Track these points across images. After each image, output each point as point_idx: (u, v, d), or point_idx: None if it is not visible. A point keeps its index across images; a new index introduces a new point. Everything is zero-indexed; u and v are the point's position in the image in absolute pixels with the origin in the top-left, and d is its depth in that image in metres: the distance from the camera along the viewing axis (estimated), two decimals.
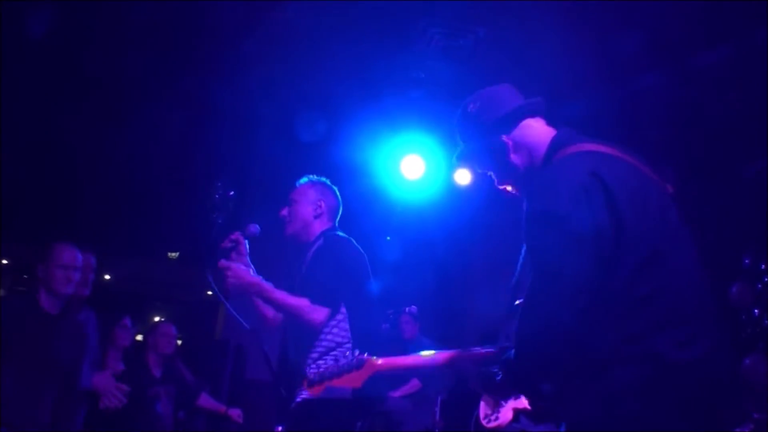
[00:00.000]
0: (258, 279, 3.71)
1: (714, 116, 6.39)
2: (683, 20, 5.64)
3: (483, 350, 2.57)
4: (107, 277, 13.31)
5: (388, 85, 7.14)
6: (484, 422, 5.10)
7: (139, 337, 7.40)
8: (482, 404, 5.23)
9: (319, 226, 3.98)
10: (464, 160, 2.62)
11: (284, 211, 4.02)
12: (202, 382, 6.61)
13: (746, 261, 6.58)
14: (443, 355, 2.66)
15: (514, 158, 2.41)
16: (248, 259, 3.92)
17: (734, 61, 5.96)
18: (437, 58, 6.67)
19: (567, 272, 2.03)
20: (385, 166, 8.06)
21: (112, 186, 9.14)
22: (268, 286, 3.71)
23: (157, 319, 13.87)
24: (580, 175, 2.09)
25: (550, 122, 2.48)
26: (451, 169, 7.12)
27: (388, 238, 8.95)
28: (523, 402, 4.96)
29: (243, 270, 3.69)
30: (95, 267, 4.87)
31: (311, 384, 2.71)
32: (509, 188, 2.56)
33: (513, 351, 2.19)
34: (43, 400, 4.27)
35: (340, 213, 4.11)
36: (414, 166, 8.06)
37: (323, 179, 4.13)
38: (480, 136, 2.48)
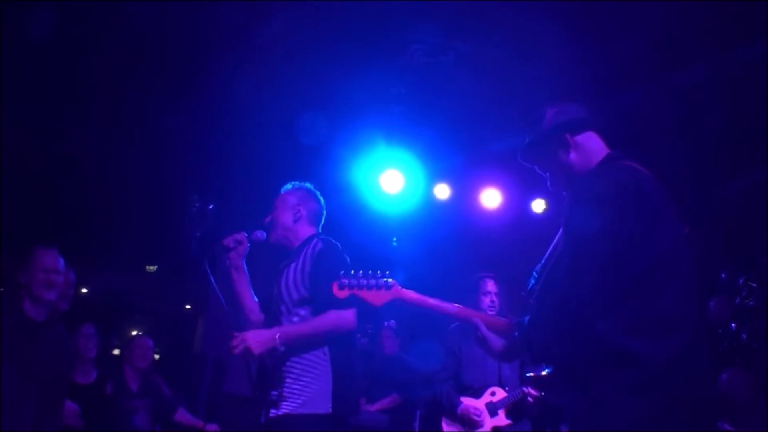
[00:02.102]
0: (276, 329, 3.65)
1: (694, 133, 6.45)
2: (660, 39, 5.71)
3: (502, 319, 2.82)
4: (84, 290, 13.20)
5: (368, 99, 7.16)
6: None
7: (116, 351, 7.36)
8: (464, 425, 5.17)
9: (302, 231, 3.99)
10: (528, 152, 2.88)
11: (268, 219, 4.06)
12: (180, 397, 6.57)
13: (723, 276, 6.65)
14: (465, 311, 2.91)
15: (573, 157, 2.73)
16: (244, 261, 3.99)
17: (715, 79, 6.03)
18: (419, 74, 6.70)
19: (592, 257, 2.34)
20: (365, 180, 8.08)
21: (90, 197, 9.08)
22: (291, 328, 3.68)
23: (134, 332, 13.78)
24: (624, 182, 2.43)
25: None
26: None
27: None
28: (502, 418, 4.96)
29: (259, 335, 3.62)
30: (74, 282, 4.82)
31: (341, 287, 2.87)
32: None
33: (528, 317, 2.51)
34: (26, 409, 4.20)
35: (323, 218, 4.13)
36: (393, 181, 8.07)
37: (305, 185, 4.16)
38: (549, 132, 2.77)
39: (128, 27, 6.06)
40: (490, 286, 5.12)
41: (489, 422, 4.99)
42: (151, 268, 14.18)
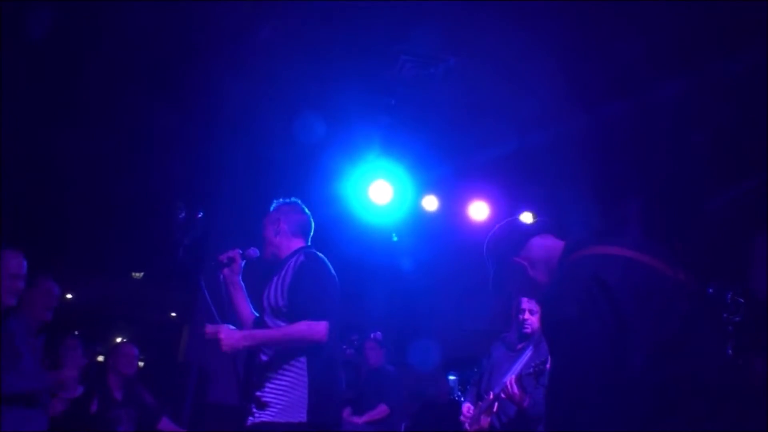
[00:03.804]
0: (246, 332, 3.77)
1: (680, 146, 6.49)
2: (649, 50, 5.74)
3: None
4: (69, 296, 13.13)
5: (358, 110, 7.17)
6: None
7: (101, 358, 7.31)
8: None
9: (285, 244, 4.05)
10: (495, 288, 2.81)
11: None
12: (163, 406, 6.53)
13: (710, 291, 6.66)
14: None
15: (534, 274, 2.64)
16: (240, 277, 4.11)
17: (700, 92, 6.07)
18: (408, 85, 6.72)
19: (582, 373, 2.18)
20: (354, 191, 8.09)
21: (76, 203, 9.05)
22: (259, 332, 3.78)
23: (119, 339, 13.70)
24: (583, 281, 2.27)
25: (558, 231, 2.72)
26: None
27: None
28: (481, 425, 4.93)
29: (231, 331, 3.69)
30: (59, 295, 4.84)
31: None
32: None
33: None
34: None
35: (310, 228, 4.18)
36: (382, 192, 8.09)
37: (289, 200, 4.22)
38: (499, 263, 2.74)
39: (117, 31, 6.06)
40: (523, 303, 5.01)
41: (473, 428, 4.97)
42: (138, 275, 14.13)
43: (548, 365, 4.30)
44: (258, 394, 3.68)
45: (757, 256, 6.42)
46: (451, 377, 8.44)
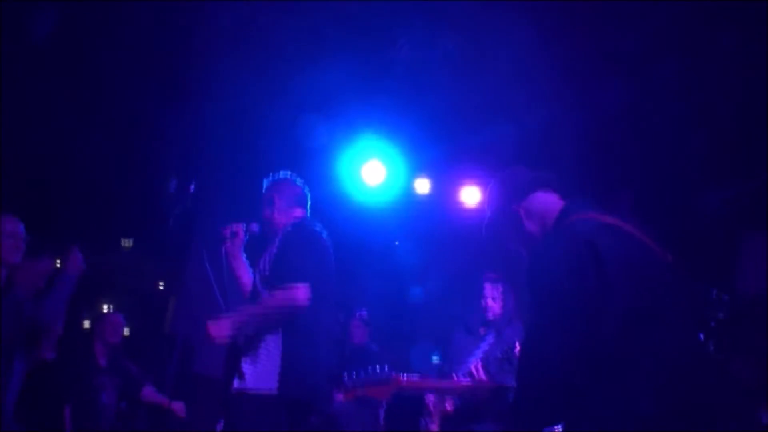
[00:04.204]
0: (229, 318, 3.79)
1: (679, 135, 6.50)
2: (641, 32, 5.74)
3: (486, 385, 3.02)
4: (58, 264, 13.07)
5: (353, 90, 7.16)
6: None
7: (87, 324, 7.33)
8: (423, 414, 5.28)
9: (280, 217, 4.14)
10: (489, 233, 2.87)
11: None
12: (147, 374, 6.56)
13: (695, 284, 6.69)
14: (462, 382, 3.14)
15: (528, 225, 2.70)
16: (242, 251, 4.25)
17: (699, 77, 6.05)
18: (405, 67, 6.71)
19: (559, 329, 2.28)
20: (347, 171, 8.09)
21: (66, 171, 9.01)
22: (243, 312, 3.85)
23: (105, 307, 13.71)
24: (576, 243, 2.36)
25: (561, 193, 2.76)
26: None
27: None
28: (446, 406, 5.02)
29: (216, 323, 3.76)
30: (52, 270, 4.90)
31: (346, 390, 3.09)
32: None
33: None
34: None
35: (307, 200, 4.27)
36: (375, 172, 8.09)
37: (278, 175, 4.30)
38: (498, 209, 2.81)
39: (107, 1, 6.02)
40: (486, 289, 5.18)
41: (438, 409, 5.09)
42: (127, 242, 14.12)
43: (516, 350, 4.54)
44: (240, 364, 3.75)
45: (744, 254, 6.46)
46: (435, 358, 8.47)
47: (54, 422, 5.50)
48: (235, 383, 3.73)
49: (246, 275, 4.24)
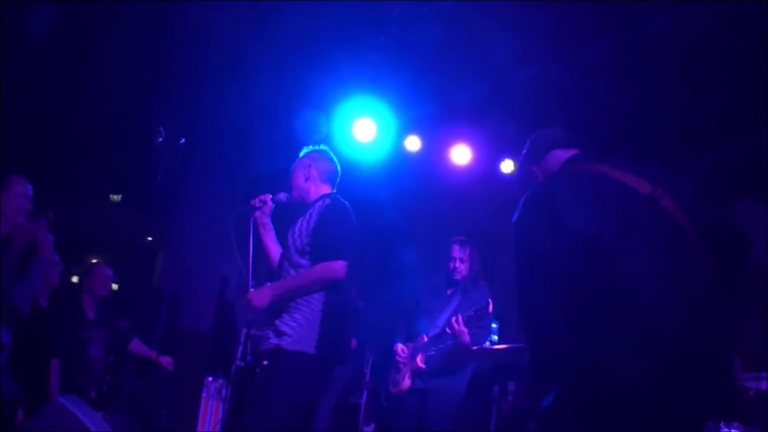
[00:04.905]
0: (271, 287, 4.03)
1: (670, 87, 6.47)
2: None
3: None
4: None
5: (346, 46, 7.10)
6: (391, 389, 5.33)
7: (75, 280, 7.32)
8: (392, 371, 5.46)
9: (314, 189, 4.32)
10: (518, 190, 2.85)
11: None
12: (134, 328, 6.58)
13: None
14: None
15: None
16: (269, 219, 4.42)
17: (692, 26, 5.98)
18: (399, 24, 6.65)
19: (530, 276, 2.37)
20: (338, 127, 8.07)
21: (54, 125, 8.94)
22: (284, 282, 4.05)
23: (94, 260, 13.67)
24: (546, 196, 2.42)
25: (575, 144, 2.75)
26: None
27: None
28: (417, 362, 5.22)
29: (257, 292, 4.03)
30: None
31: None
32: None
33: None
34: None
35: (337, 176, 4.46)
36: (366, 129, 8.09)
37: (318, 147, 4.48)
38: (520, 168, 2.84)
39: None
40: (455, 251, 5.40)
41: (409, 365, 5.28)
42: (116, 197, 14.05)
43: (490, 309, 4.93)
44: (276, 322, 3.95)
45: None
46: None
47: (42, 376, 5.52)
48: (273, 339, 3.93)
49: (273, 243, 4.43)
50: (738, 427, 4.94)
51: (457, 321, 5.01)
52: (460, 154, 8.69)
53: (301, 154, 4.44)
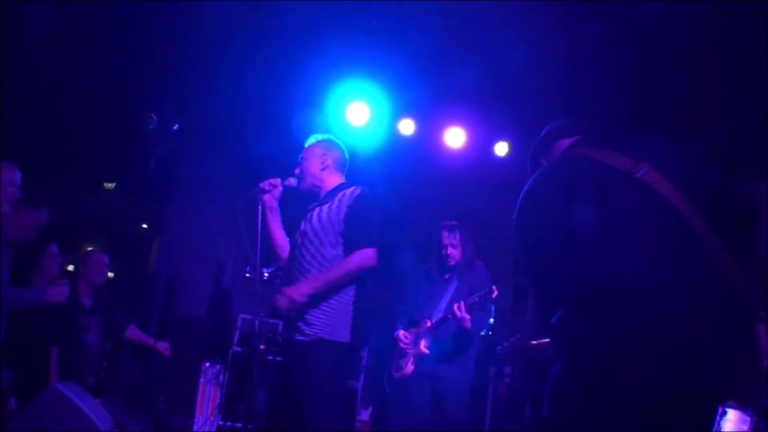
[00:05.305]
0: (307, 284, 4.01)
1: (667, 68, 6.45)
2: None
3: None
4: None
5: (339, 29, 7.08)
6: (393, 374, 5.36)
7: (71, 268, 7.31)
8: (394, 357, 5.50)
9: (329, 178, 4.34)
10: None
11: (297, 170, 4.39)
12: (131, 314, 6.58)
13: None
14: None
15: None
16: (277, 203, 4.39)
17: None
18: (389, 6, 6.63)
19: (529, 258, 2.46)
20: (332, 112, 8.06)
21: (48, 113, 8.91)
22: (319, 277, 4.02)
23: (89, 248, 13.66)
24: (530, 187, 2.49)
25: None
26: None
27: None
28: (421, 348, 5.23)
29: (292, 290, 4.00)
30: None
31: None
32: None
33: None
34: None
35: (347, 166, 4.47)
36: (359, 113, 8.07)
37: (328, 136, 4.47)
38: (531, 162, 2.82)
39: None
40: (444, 237, 5.42)
41: (412, 351, 5.31)
42: (110, 185, 14.03)
43: (494, 295, 5.01)
44: (310, 313, 3.98)
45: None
46: None
47: (41, 364, 5.53)
48: (308, 330, 3.97)
49: (279, 229, 4.42)
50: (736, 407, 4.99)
51: (459, 308, 5.04)
52: (455, 137, 8.69)
53: (312, 141, 4.42)
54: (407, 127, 8.54)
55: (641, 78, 6.65)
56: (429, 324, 5.29)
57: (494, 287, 5.06)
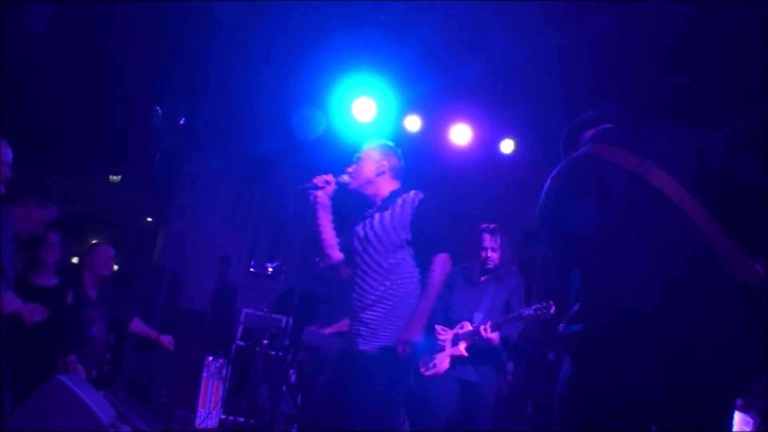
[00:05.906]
0: (417, 316, 4.02)
1: (676, 63, 6.43)
2: None
3: None
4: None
5: (346, 24, 7.07)
6: (422, 370, 5.31)
7: (75, 260, 7.32)
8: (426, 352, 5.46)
9: (385, 184, 4.36)
10: None
11: (351, 168, 4.42)
12: (135, 307, 6.58)
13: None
14: None
15: None
16: (330, 200, 4.40)
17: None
18: (399, 1, 6.63)
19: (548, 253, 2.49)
20: (338, 107, 8.04)
21: (55, 105, 8.92)
22: (423, 309, 4.04)
23: (94, 241, 13.67)
24: (548, 180, 2.53)
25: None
26: None
27: None
28: (460, 349, 5.20)
29: (412, 330, 3.98)
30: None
31: None
32: None
33: None
34: None
35: (403, 174, 4.48)
36: (365, 109, 8.06)
37: (389, 143, 4.50)
38: (562, 155, 2.79)
39: None
40: (486, 240, 5.47)
41: (449, 350, 5.29)
42: (115, 178, 14.04)
43: (552, 310, 4.91)
44: (368, 320, 4.08)
45: None
46: None
47: (44, 355, 5.53)
48: (373, 338, 4.03)
49: (329, 226, 4.43)
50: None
51: (485, 329, 5.09)
52: (461, 134, 8.67)
53: (369, 145, 4.44)
54: (413, 123, 8.53)
55: (649, 74, 6.63)
56: (470, 328, 5.30)
57: (551, 303, 5.00)
